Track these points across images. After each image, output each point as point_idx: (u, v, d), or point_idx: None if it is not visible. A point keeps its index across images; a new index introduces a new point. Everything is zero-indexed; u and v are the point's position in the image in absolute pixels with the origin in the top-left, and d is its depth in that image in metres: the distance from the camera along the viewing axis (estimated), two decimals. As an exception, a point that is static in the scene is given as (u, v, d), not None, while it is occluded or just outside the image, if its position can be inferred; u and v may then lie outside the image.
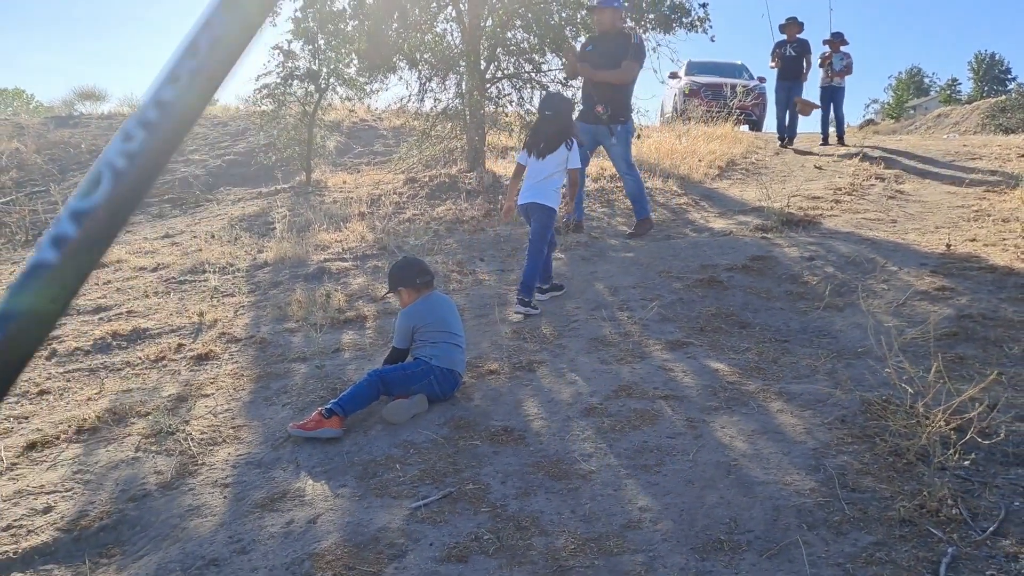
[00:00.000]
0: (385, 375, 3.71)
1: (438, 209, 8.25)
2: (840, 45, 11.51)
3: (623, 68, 6.49)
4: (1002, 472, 2.83)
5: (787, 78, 11.51)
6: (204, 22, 0.52)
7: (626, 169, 6.69)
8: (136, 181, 0.50)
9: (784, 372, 3.91)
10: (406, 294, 3.95)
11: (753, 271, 5.49)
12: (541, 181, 5.00)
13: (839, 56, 11.48)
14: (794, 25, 11.45)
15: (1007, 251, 5.41)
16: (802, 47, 11.45)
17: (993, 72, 64.86)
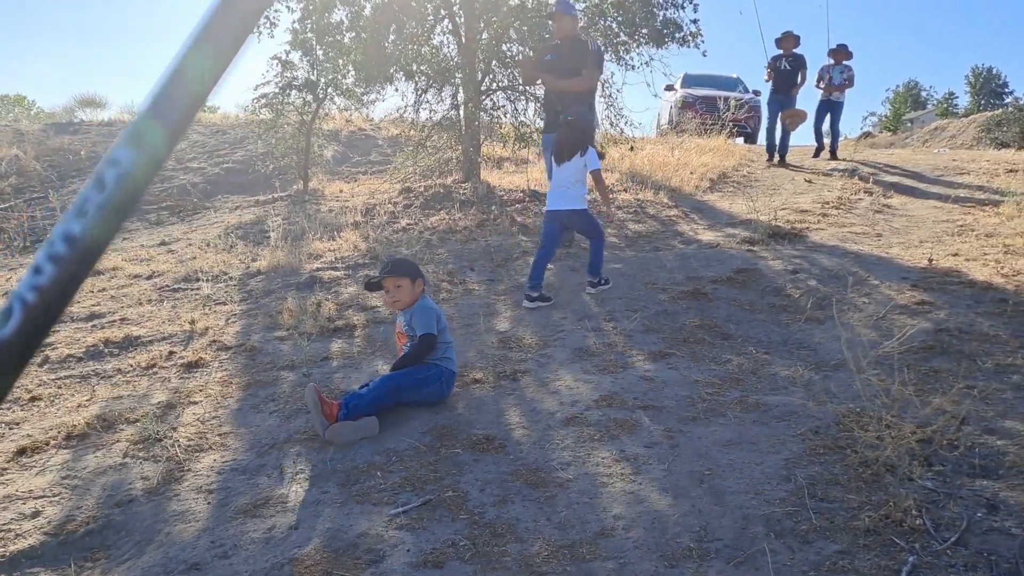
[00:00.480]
0: (400, 384, 3.75)
1: (432, 219, 8.34)
2: (844, 58, 11.50)
3: (584, 76, 6.55)
4: (967, 484, 2.90)
5: (781, 92, 11.43)
6: (110, 158, 0.55)
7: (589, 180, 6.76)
8: (44, 314, 0.53)
9: (763, 383, 3.98)
10: (414, 287, 3.97)
11: (738, 283, 5.57)
12: (566, 188, 5.47)
13: (840, 69, 11.51)
14: (790, 39, 11.41)
15: (987, 266, 5.49)
16: (797, 62, 11.37)
17: (990, 86, 65.17)
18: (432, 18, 9.64)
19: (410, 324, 3.92)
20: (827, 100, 11.66)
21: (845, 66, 11.53)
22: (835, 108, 11.70)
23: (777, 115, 11.59)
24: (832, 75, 11.54)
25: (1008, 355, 4.08)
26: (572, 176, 5.46)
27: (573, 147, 5.47)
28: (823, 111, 11.75)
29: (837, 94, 11.55)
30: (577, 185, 5.47)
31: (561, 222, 5.56)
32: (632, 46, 9.57)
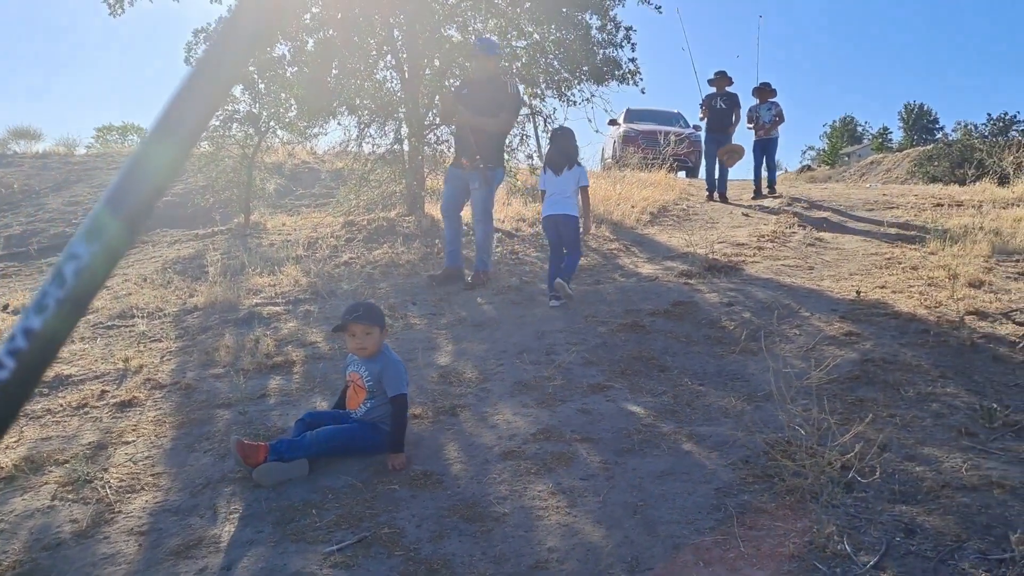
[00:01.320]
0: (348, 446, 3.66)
1: (375, 252, 8.33)
2: (768, 95, 11.71)
3: (502, 119, 6.63)
4: (888, 509, 3.00)
5: (716, 130, 11.59)
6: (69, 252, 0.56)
7: (481, 216, 6.72)
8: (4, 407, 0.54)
9: (697, 414, 4.07)
10: (382, 335, 3.92)
11: (675, 316, 5.69)
12: (565, 197, 6.18)
13: (767, 107, 11.68)
14: (723, 78, 11.61)
15: (912, 298, 5.71)
16: (731, 100, 11.58)
17: (922, 122, 67.85)
18: (375, 53, 9.72)
19: (376, 378, 3.82)
20: (760, 140, 11.80)
21: (772, 103, 11.69)
22: (769, 145, 11.83)
23: (714, 154, 11.68)
24: (760, 114, 11.70)
25: (929, 384, 4.24)
26: (570, 187, 6.19)
27: (569, 158, 6.24)
28: (758, 151, 11.85)
29: (770, 131, 11.72)
30: (573, 195, 6.18)
31: (556, 226, 6.17)
32: (573, 83, 9.79)
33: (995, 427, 3.70)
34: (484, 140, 6.57)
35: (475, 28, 9.84)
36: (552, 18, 9.46)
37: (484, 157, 6.58)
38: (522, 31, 9.70)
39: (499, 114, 6.58)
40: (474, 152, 6.53)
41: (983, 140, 31.13)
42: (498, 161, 6.79)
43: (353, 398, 3.88)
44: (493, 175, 6.69)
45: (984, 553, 2.68)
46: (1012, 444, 3.54)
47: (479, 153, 6.54)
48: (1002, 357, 4.59)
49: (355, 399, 3.86)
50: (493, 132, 6.62)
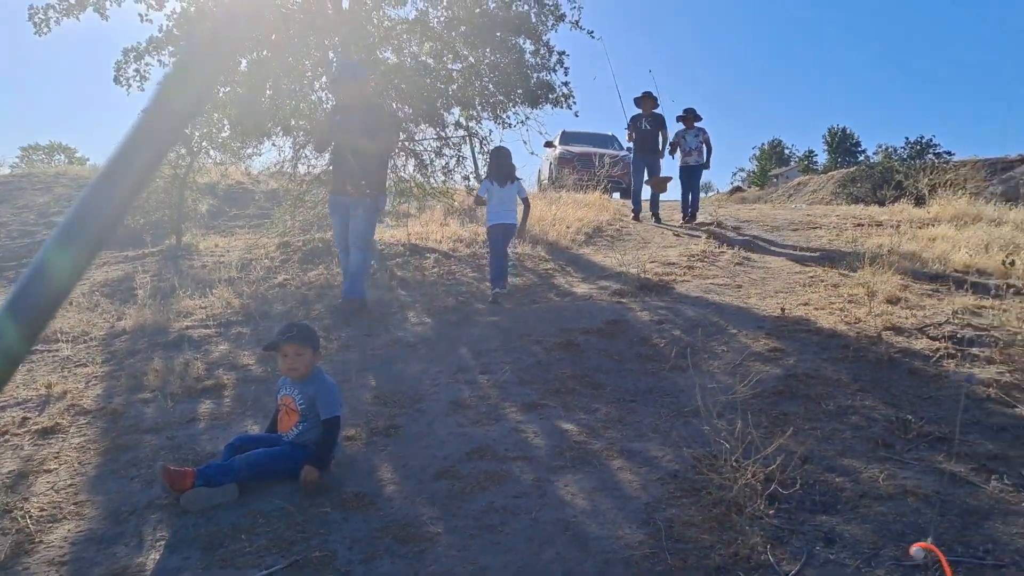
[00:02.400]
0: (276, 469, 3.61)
1: (310, 274, 8.27)
2: (694, 121, 11.58)
3: (383, 140, 6.39)
4: (809, 519, 3.11)
5: (643, 151, 11.62)
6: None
7: (361, 243, 6.42)
8: None
9: (628, 431, 4.15)
10: (315, 358, 3.89)
11: (608, 334, 5.79)
12: (509, 208, 7.11)
13: (693, 133, 11.56)
14: (649, 99, 11.61)
15: (833, 314, 5.92)
16: (657, 121, 11.59)
17: (845, 145, 70.41)
18: (310, 74, 9.68)
19: (309, 400, 3.79)
20: (685, 166, 11.65)
21: (698, 129, 11.59)
22: (693, 172, 11.71)
23: (642, 174, 11.80)
24: (687, 140, 11.58)
25: (848, 397, 4.41)
26: (513, 198, 7.15)
27: (510, 173, 7.16)
28: (684, 177, 11.75)
29: (695, 157, 11.55)
30: (515, 206, 7.13)
31: (502, 233, 7.06)
32: (509, 105, 9.90)
33: (910, 438, 3.87)
34: (366, 165, 6.30)
35: (410, 51, 9.89)
36: (487, 42, 9.57)
37: (368, 183, 6.34)
38: (457, 54, 9.79)
39: (376, 137, 6.31)
40: (358, 178, 6.29)
41: (902, 163, 32.46)
42: (379, 187, 6.55)
43: (285, 421, 3.84)
44: (375, 201, 6.46)
45: (899, 560, 2.80)
46: (926, 454, 3.70)
47: (364, 178, 6.30)
48: (917, 371, 4.79)
49: (287, 422, 3.83)
50: (374, 156, 6.40)
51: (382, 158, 6.62)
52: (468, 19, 9.53)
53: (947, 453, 3.69)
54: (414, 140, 10.31)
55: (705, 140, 11.59)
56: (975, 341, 5.28)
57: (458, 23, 9.70)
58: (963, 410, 4.08)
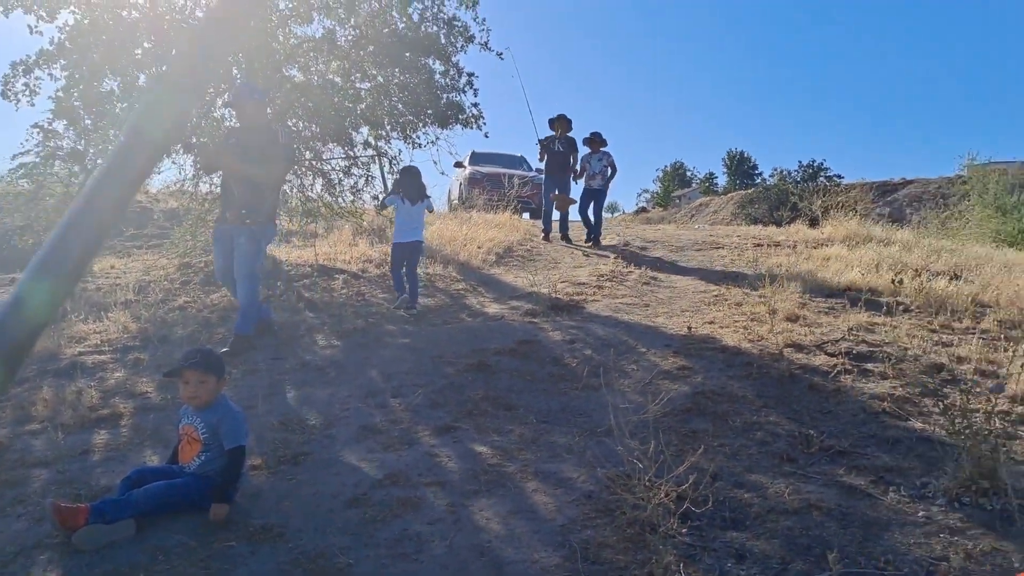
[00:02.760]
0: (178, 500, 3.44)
1: (213, 296, 7.99)
2: (600, 146, 11.67)
3: (272, 168, 6.01)
4: (720, 536, 3.17)
5: (555, 172, 11.67)
6: None
7: (246, 273, 6.02)
8: None
9: (542, 452, 4.14)
10: (219, 385, 3.71)
11: (520, 355, 5.79)
12: (415, 225, 7.38)
13: (598, 157, 11.63)
14: (563, 121, 11.66)
15: (737, 332, 6.10)
16: (569, 144, 11.65)
17: (743, 168, 73.17)
18: (213, 91, 9.40)
19: (212, 429, 3.63)
20: (589, 188, 11.72)
21: (603, 153, 11.65)
22: (597, 196, 11.74)
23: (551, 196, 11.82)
24: (591, 163, 11.64)
25: (754, 413, 4.54)
26: (420, 216, 7.42)
27: (420, 191, 7.40)
28: (586, 198, 11.76)
29: (599, 181, 11.64)
30: (422, 222, 7.45)
31: (406, 250, 7.29)
32: (418, 125, 9.86)
33: (812, 452, 4.00)
34: (253, 192, 5.92)
35: (317, 69, 9.74)
36: (396, 62, 9.51)
37: (250, 211, 5.94)
38: (366, 73, 9.68)
39: (268, 164, 5.95)
40: (240, 205, 5.92)
41: (796, 185, 33.94)
42: (268, 216, 6.14)
43: (186, 451, 3.67)
44: (262, 231, 6.07)
45: (806, 573, 2.88)
46: (827, 468, 3.84)
47: (245, 207, 5.91)
48: (817, 386, 4.98)
49: (188, 452, 3.66)
50: (262, 183, 5.99)
51: (273, 186, 6.19)
52: (376, 39, 9.46)
53: (847, 466, 3.83)
54: (321, 159, 10.13)
55: (609, 164, 11.70)
56: (869, 357, 5.52)
57: (366, 42, 9.61)
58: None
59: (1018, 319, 6.49)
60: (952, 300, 6.86)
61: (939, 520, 3.31)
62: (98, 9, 8.54)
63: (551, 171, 11.78)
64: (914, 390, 4.91)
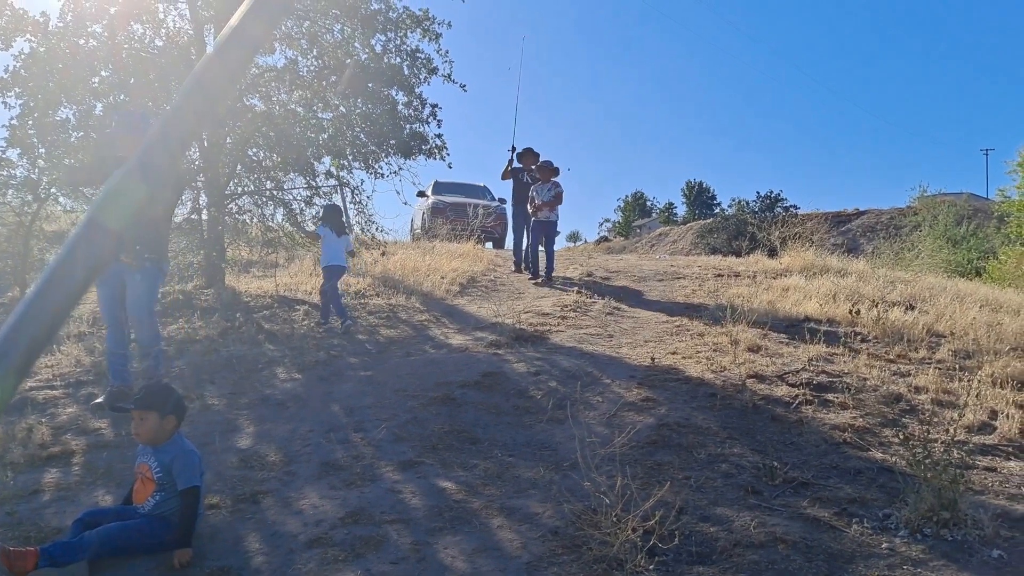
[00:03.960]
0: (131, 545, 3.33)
1: (169, 328, 7.82)
2: (551, 175, 10.95)
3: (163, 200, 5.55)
4: (687, 571, 3.15)
5: (524, 203, 11.33)
6: None
7: (145, 316, 5.55)
8: None
9: (507, 487, 4.10)
10: (163, 423, 3.59)
11: (485, 387, 5.75)
12: (340, 251, 8.26)
13: (548, 187, 10.85)
14: (531, 155, 11.48)
15: (700, 363, 6.13)
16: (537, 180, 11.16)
17: (702, 198, 74.27)
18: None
19: (165, 469, 3.52)
20: (536, 220, 10.89)
21: (553, 183, 10.91)
22: (547, 228, 10.96)
23: (522, 228, 11.54)
24: (540, 194, 10.86)
25: (718, 445, 4.55)
26: (344, 246, 8.32)
27: (342, 228, 8.41)
28: (537, 232, 11.00)
29: (546, 211, 10.81)
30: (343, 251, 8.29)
31: (334, 272, 8.08)
32: (381, 156, 9.85)
33: (777, 484, 4.02)
34: (143, 227, 5.41)
35: (279, 98, 9.71)
36: (358, 92, 9.53)
37: (144, 247, 5.41)
38: (328, 103, 9.69)
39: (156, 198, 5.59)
40: (132, 243, 5.39)
41: (754, 215, 34.54)
42: (162, 253, 5.69)
43: (140, 491, 3.56)
44: (157, 269, 5.61)
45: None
46: (792, 500, 3.85)
47: (139, 243, 5.38)
48: (779, 417, 5.01)
49: (142, 492, 3.55)
50: (155, 218, 5.56)
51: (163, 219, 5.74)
52: (339, 69, 9.47)
53: (811, 498, 3.85)
54: (283, 189, 10.05)
55: (557, 195, 10.88)
56: (829, 387, 5.59)
57: (329, 72, 9.62)
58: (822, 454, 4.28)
59: (972, 349, 6.63)
60: (908, 330, 6.99)
61: (902, 552, 3.33)
62: (55, 37, 8.43)
63: (520, 202, 11.53)
64: (874, 420, 4.98)
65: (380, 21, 9.58)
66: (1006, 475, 4.30)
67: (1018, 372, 5.86)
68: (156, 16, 9.16)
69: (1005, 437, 4.78)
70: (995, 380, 5.76)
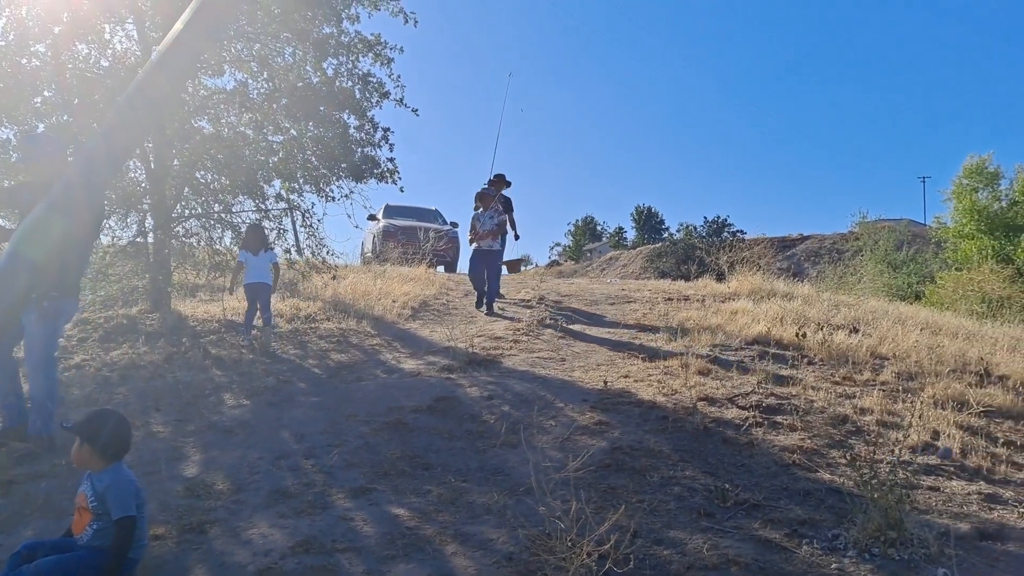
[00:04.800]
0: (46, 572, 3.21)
1: (112, 354, 7.62)
2: (490, 202, 10.39)
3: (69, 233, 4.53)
4: (641, 594, 3.15)
5: None
6: None
7: (42, 361, 5.00)
8: None
9: (461, 513, 4.06)
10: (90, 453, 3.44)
11: (438, 412, 5.71)
12: (263, 270, 8.45)
13: (489, 215, 10.29)
14: (501, 181, 11.28)
15: (652, 386, 6.18)
16: (506, 203, 11.11)
17: (651, 222, 75.26)
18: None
19: (100, 497, 3.39)
20: (478, 250, 10.23)
21: (495, 210, 10.35)
22: (490, 258, 10.17)
23: None
24: (482, 221, 10.30)
25: (671, 468, 4.58)
26: (267, 263, 8.53)
27: (262, 243, 8.60)
28: (476, 263, 10.23)
29: (490, 241, 10.21)
30: (268, 270, 8.48)
31: (257, 291, 8.34)
32: (332, 179, 9.79)
33: (729, 506, 4.05)
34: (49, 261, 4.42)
35: (228, 121, 9.60)
36: (310, 115, 9.47)
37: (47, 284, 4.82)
38: (279, 126, 9.61)
39: None
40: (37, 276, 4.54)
41: (702, 240, 35.11)
42: (68, 289, 5.03)
43: (78, 522, 3.44)
44: (58, 307, 4.96)
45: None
46: (743, 522, 3.89)
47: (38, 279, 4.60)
48: (730, 439, 5.07)
49: (80, 523, 3.43)
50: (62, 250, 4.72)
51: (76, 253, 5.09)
52: (290, 92, 9.41)
53: (762, 520, 3.89)
54: (231, 212, 9.91)
55: (501, 223, 10.38)
56: (778, 409, 5.68)
57: (279, 95, 9.55)
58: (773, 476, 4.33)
59: (914, 371, 6.81)
60: (853, 353, 7.15)
61: (851, 572, 3.39)
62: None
63: None
64: (822, 442, 5.07)
65: (332, 45, 9.56)
66: (949, 494, 4.41)
67: (958, 394, 6.03)
68: (102, 36, 9.01)
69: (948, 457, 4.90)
70: (937, 401, 5.92)
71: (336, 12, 9.47)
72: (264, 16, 9.19)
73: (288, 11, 9.08)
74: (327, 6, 9.37)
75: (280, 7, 9.11)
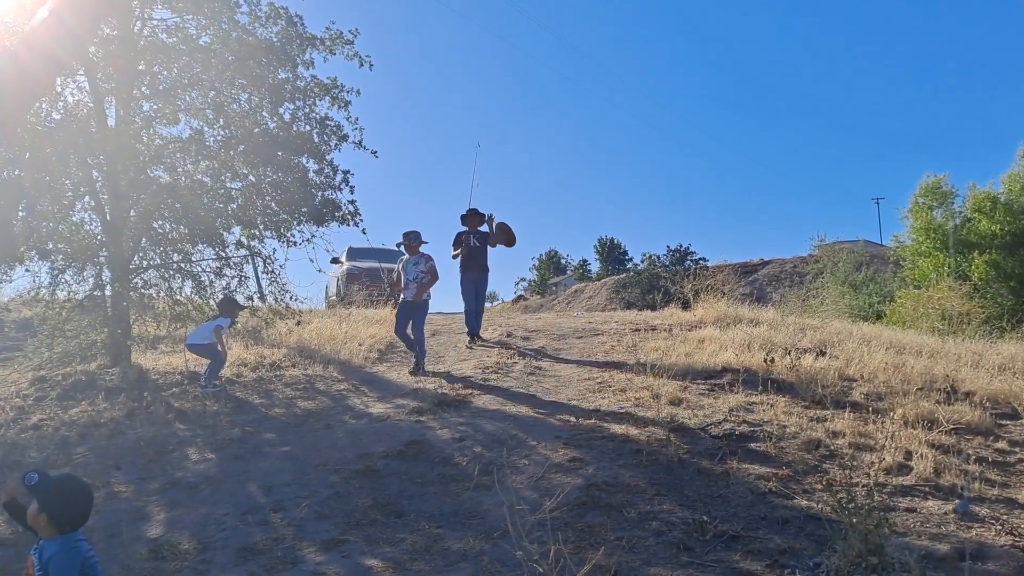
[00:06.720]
0: None
1: (71, 412, 7.39)
2: (418, 247, 9.32)
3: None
4: (625, 636, 3.07)
5: (472, 269, 10.45)
6: None
7: None
8: None
9: (437, 560, 3.96)
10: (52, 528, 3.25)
11: (409, 456, 5.60)
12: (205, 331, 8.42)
13: (413, 261, 9.21)
14: (475, 216, 10.74)
15: (623, 420, 6.13)
16: (484, 238, 10.69)
17: (614, 254, 75.80)
18: (71, 194, 8.96)
19: (44, 567, 3.21)
20: (404, 302, 9.16)
21: (422, 255, 9.27)
22: (416, 311, 9.09)
23: (472, 295, 10.62)
24: (406, 270, 9.26)
25: (647, 502, 4.52)
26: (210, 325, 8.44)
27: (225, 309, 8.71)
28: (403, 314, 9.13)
29: (413, 288, 9.08)
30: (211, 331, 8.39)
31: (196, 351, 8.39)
32: (293, 224, 9.67)
33: (708, 539, 4.01)
34: None
35: (185, 169, 9.47)
36: (268, 161, 9.38)
37: None
38: (237, 173, 9.49)
39: None
40: None
41: (666, 269, 35.40)
42: None
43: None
44: None
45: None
46: (723, 554, 3.84)
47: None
48: (705, 470, 5.03)
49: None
50: None
51: None
52: (247, 138, 9.31)
53: (742, 551, 3.85)
54: (191, 261, 9.74)
55: (428, 269, 9.19)
56: (751, 437, 5.66)
57: (236, 142, 9.45)
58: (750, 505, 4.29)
59: (883, 391, 6.85)
60: (821, 376, 7.18)
61: (834, 600, 3.34)
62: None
63: (469, 268, 10.55)
64: (797, 468, 5.05)
65: (288, 90, 9.50)
66: (926, 515, 4.41)
67: (927, 412, 6.07)
68: (53, 89, 8.87)
69: (921, 477, 4.91)
70: (907, 421, 5.95)
71: (291, 58, 9.44)
72: (219, 63, 9.12)
73: (243, 58, 9.02)
74: (282, 52, 9.34)
75: (234, 54, 9.06)
